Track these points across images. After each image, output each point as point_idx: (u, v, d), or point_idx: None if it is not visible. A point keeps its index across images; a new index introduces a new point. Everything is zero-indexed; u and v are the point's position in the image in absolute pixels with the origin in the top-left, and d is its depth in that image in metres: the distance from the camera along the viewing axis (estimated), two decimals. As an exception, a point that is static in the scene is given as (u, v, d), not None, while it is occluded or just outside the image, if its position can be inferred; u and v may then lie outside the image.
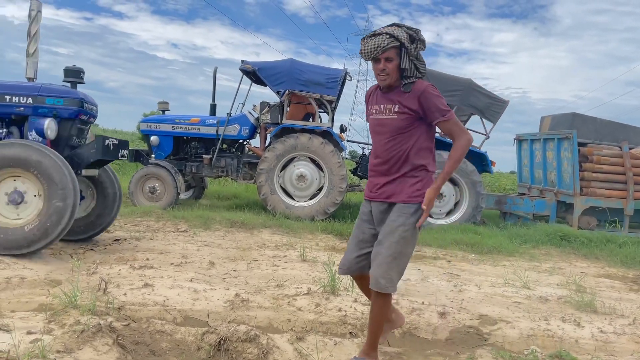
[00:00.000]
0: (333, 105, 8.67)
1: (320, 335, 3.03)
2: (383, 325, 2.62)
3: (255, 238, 6.31)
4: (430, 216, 8.41)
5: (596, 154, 8.81)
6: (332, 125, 8.73)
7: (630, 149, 8.91)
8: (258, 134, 9.30)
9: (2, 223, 4.21)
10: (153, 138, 8.82)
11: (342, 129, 9.52)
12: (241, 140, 9.26)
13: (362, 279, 2.78)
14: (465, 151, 2.55)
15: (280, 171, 8.31)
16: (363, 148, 11.36)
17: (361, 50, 2.55)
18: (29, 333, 2.59)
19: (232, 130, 8.80)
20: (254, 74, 8.68)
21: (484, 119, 9.06)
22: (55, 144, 4.68)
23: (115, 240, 5.56)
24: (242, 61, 8.71)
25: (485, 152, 8.97)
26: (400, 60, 2.51)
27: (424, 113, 2.53)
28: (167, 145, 8.86)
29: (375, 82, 2.73)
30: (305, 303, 3.53)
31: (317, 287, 3.82)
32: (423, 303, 3.70)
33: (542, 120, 10.87)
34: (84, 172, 4.79)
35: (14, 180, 4.26)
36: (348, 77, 8.90)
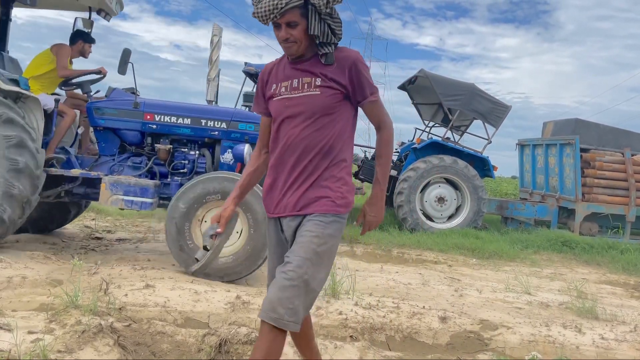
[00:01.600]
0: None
1: (321, 338, 3.03)
2: None
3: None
4: (432, 220, 8.40)
5: (598, 160, 8.80)
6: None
7: (632, 155, 8.90)
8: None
9: None
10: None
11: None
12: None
13: None
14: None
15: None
16: (365, 151, 11.37)
17: (254, 12, 1.88)
18: (30, 332, 2.59)
19: (235, 132, 8.79)
20: (257, 76, 8.67)
21: (486, 124, 9.06)
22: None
23: (117, 240, 5.57)
24: (245, 63, 8.70)
25: (487, 156, 8.97)
26: (307, 23, 1.86)
27: (352, 90, 1.94)
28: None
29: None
30: (306, 306, 3.51)
31: (318, 290, 3.81)
32: (424, 307, 3.69)
33: (544, 126, 10.87)
34: None
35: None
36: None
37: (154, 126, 4.63)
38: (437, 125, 10.65)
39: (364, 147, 11.24)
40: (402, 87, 10.02)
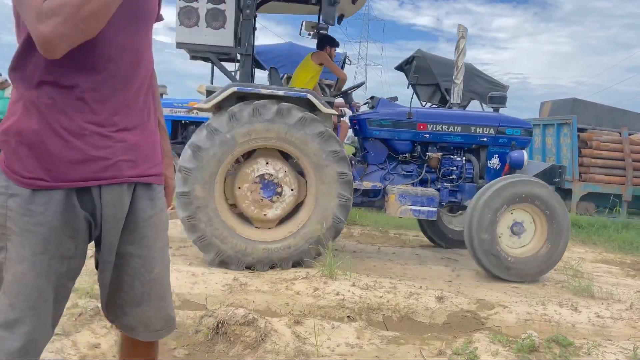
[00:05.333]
0: (333, 89, 8.60)
1: (318, 319, 3.04)
2: None
3: (253, 222, 6.30)
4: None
5: (595, 140, 8.79)
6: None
7: (629, 134, 8.89)
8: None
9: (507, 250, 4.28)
10: (151, 122, 8.77)
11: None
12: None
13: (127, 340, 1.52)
14: None
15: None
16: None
17: None
18: (27, 316, 2.59)
19: (231, 114, 8.74)
20: (253, 57, 8.59)
21: (483, 104, 9.01)
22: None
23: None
24: (241, 45, 8.63)
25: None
26: None
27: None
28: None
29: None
30: (303, 287, 3.53)
31: (315, 271, 3.83)
32: (421, 287, 3.70)
33: (542, 106, 10.83)
34: None
35: (511, 214, 4.31)
36: (347, 61, 8.82)
37: (427, 135, 4.73)
38: (434, 106, 10.59)
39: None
40: (400, 68, 9.92)
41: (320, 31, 5.16)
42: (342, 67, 8.74)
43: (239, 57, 4.48)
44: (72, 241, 1.28)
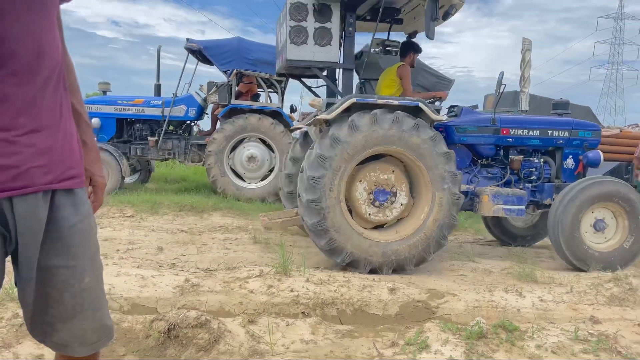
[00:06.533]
0: (282, 85, 8.57)
1: (273, 316, 3.03)
2: None
3: (205, 221, 6.21)
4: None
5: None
6: (282, 106, 8.64)
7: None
8: (207, 115, 9.10)
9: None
10: (94, 120, 8.42)
11: (292, 109, 9.45)
12: (188, 122, 9.03)
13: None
14: None
15: (230, 152, 8.17)
16: (313, 128, 11.34)
17: None
18: (-39, 330, 2.44)
19: (179, 111, 8.54)
20: (200, 53, 8.43)
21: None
22: None
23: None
24: (187, 39, 8.44)
25: (433, 130, 9.14)
26: None
27: None
28: (110, 128, 8.50)
29: None
30: (257, 285, 3.51)
31: (269, 268, 3.81)
32: (374, 280, 3.76)
33: (485, 99, 11.21)
34: None
35: (592, 212, 4.65)
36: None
37: (510, 139, 5.07)
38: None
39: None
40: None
41: (409, 38, 5.53)
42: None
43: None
44: None
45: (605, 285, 3.87)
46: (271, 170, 8.29)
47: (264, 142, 8.25)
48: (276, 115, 8.33)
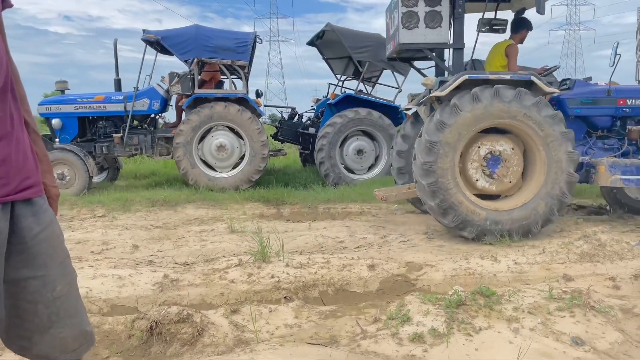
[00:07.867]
0: (246, 71, 8.44)
1: (255, 304, 3.03)
2: None
3: (179, 215, 6.14)
4: (353, 172, 8.58)
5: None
6: (247, 91, 8.52)
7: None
8: (171, 107, 8.92)
9: None
10: (55, 121, 8.19)
11: (258, 94, 9.34)
12: (153, 115, 8.84)
13: None
14: None
15: (199, 143, 8.06)
16: (282, 112, 11.25)
17: None
18: None
19: (142, 104, 8.34)
20: (158, 43, 8.22)
21: (395, 73, 9.24)
22: None
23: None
24: (144, 30, 8.21)
25: (399, 105, 9.19)
26: None
27: None
28: (72, 128, 8.26)
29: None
30: (237, 274, 3.50)
31: (248, 257, 3.80)
32: (353, 258, 3.80)
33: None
34: None
35: None
36: (258, 40, 8.68)
37: (627, 110, 5.06)
38: (349, 78, 10.72)
39: (281, 108, 11.13)
40: (311, 43, 9.93)
41: (518, 15, 5.46)
42: (254, 47, 8.60)
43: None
44: None
45: (575, 244, 4.01)
46: (242, 158, 8.22)
47: (232, 130, 8.15)
48: (242, 101, 8.22)
